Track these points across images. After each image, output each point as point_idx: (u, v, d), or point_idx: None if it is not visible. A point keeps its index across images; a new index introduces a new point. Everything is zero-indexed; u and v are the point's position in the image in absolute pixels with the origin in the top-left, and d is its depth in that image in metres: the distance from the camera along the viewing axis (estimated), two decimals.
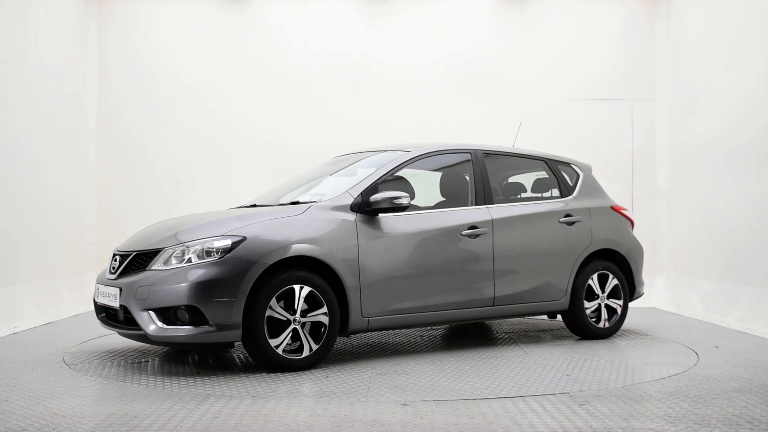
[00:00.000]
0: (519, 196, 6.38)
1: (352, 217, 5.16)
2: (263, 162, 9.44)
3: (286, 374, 4.77)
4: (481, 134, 8.56)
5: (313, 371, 4.88)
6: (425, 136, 8.77)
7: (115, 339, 6.27)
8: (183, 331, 4.61)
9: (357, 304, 5.06)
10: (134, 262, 4.98)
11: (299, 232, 4.91)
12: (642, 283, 6.71)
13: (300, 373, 4.81)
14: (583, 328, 6.24)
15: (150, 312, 4.66)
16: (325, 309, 4.90)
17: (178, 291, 4.58)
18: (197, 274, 4.60)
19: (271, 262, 4.72)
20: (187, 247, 4.75)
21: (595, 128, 9.52)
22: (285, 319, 4.78)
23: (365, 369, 4.97)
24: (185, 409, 3.87)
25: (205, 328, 4.58)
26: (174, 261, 4.73)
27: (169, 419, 3.68)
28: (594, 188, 6.64)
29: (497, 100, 9.56)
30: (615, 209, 6.63)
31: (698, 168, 8.64)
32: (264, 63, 9.54)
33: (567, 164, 6.62)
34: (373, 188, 5.34)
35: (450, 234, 5.56)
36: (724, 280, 7.82)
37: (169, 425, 3.57)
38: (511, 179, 6.52)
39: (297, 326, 4.82)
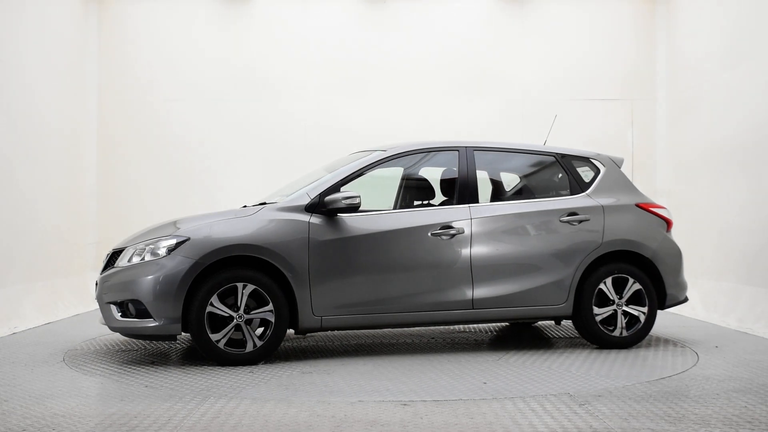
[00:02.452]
0: (516, 194, 6.14)
1: (305, 217, 5.24)
2: (263, 162, 9.45)
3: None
4: (483, 133, 8.57)
5: (245, 367, 5.00)
6: (426, 134, 8.76)
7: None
8: (133, 323, 5.05)
9: (307, 302, 5.14)
10: (111, 259, 5.41)
11: (244, 233, 5.11)
12: (681, 287, 6.03)
13: (233, 368, 4.91)
14: (593, 336, 5.74)
15: (111, 305, 5.15)
16: (270, 307, 5.06)
17: (127, 286, 5.05)
18: (142, 271, 5.02)
19: (209, 261, 4.99)
20: (145, 245, 5.15)
21: (595, 128, 9.52)
22: (227, 315, 5.00)
23: (296, 367, 4.99)
24: (185, 409, 3.87)
25: (150, 320, 4.97)
26: (135, 258, 5.14)
27: (169, 419, 3.68)
28: (618, 184, 6.08)
29: (498, 99, 9.56)
30: (643, 207, 6.04)
31: (698, 168, 8.65)
32: (264, 63, 9.54)
33: (585, 159, 6.14)
34: (334, 189, 5.36)
35: (416, 234, 5.41)
36: (724, 280, 7.83)
37: (169, 425, 3.57)
38: (511, 176, 6.34)
39: (240, 322, 5.03)
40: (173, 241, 5.05)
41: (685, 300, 6.14)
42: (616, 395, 4.20)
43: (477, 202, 5.66)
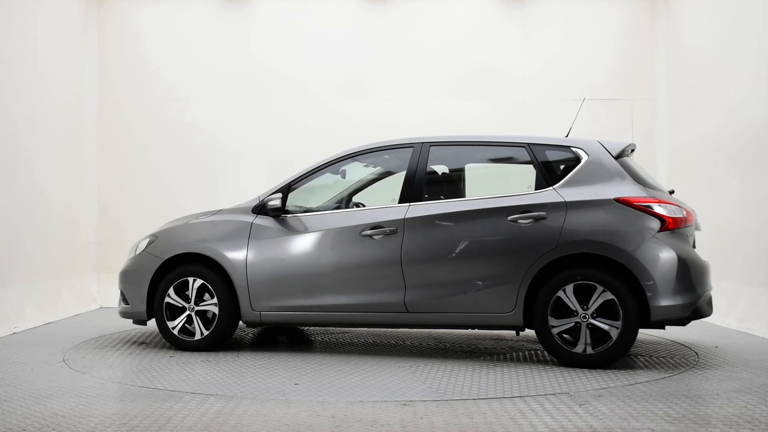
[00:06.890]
0: (468, 191, 5.75)
1: (250, 218, 5.67)
2: (263, 163, 9.44)
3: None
4: (482, 133, 8.54)
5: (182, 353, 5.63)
6: (423, 134, 8.75)
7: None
8: (122, 308, 5.92)
9: (246, 298, 5.57)
10: None
11: (195, 233, 5.74)
12: (679, 299, 4.89)
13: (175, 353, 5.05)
14: (550, 351, 5.05)
15: (121, 292, 6.00)
16: (215, 300, 5.61)
17: (120, 277, 5.97)
18: (127, 265, 5.95)
19: (165, 258, 5.70)
20: (138, 242, 6.02)
21: (595, 128, 9.51)
22: (181, 306, 5.69)
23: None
24: (185, 409, 3.88)
25: (128, 307, 5.86)
26: (132, 253, 6.01)
27: (169, 419, 3.68)
28: (603, 175, 5.17)
29: (498, 99, 9.56)
30: (625, 202, 5.00)
31: (698, 168, 8.65)
32: (264, 63, 9.54)
33: (565, 148, 5.39)
34: (282, 191, 5.64)
35: (347, 234, 5.40)
36: (725, 280, 7.82)
37: (169, 425, 3.57)
38: (469, 171, 5.94)
39: (192, 313, 5.68)
40: (146, 241, 5.90)
41: (697, 315, 5.00)
42: (616, 395, 4.20)
43: (421, 200, 5.37)
